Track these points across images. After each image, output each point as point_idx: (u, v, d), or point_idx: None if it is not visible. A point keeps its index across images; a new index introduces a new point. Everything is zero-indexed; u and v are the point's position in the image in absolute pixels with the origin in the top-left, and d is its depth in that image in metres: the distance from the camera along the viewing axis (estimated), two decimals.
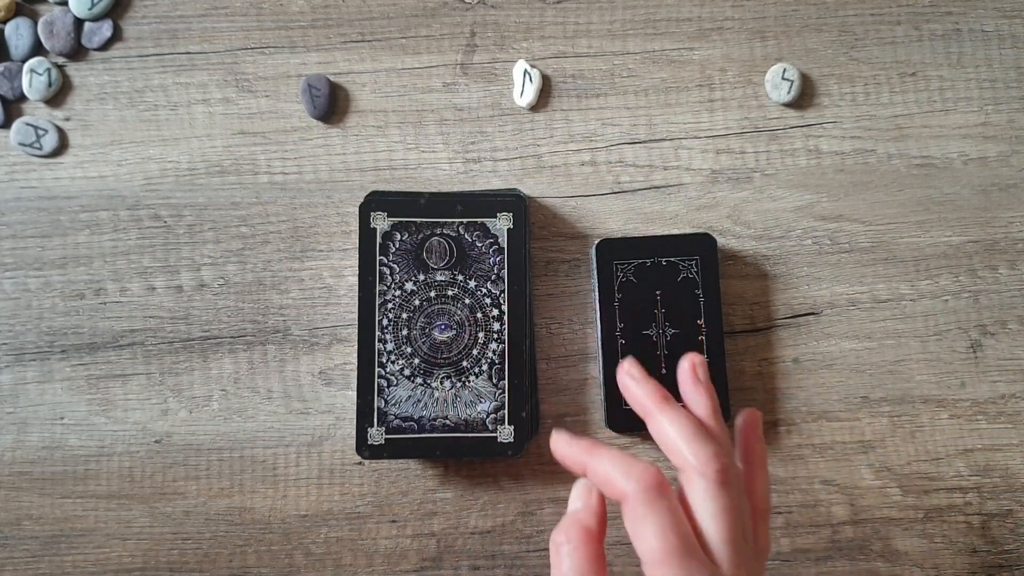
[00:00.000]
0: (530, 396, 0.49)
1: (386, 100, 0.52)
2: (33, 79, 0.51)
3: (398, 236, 0.48)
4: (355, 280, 0.50)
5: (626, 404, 0.48)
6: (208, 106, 0.52)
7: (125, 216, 0.51)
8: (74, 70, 0.52)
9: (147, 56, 0.52)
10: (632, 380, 0.38)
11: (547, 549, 0.49)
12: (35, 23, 0.52)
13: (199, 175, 0.51)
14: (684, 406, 0.38)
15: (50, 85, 0.51)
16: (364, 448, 0.47)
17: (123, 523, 0.49)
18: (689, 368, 0.38)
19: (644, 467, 0.34)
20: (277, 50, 0.52)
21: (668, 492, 0.33)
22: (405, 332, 0.48)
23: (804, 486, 0.50)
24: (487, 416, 0.48)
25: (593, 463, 0.35)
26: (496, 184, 0.52)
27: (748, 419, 0.39)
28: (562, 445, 0.37)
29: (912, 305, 0.51)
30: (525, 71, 0.51)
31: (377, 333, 0.48)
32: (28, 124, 0.51)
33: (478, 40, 0.52)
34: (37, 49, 0.52)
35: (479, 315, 0.48)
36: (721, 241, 0.51)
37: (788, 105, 0.52)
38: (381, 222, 0.48)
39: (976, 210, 0.51)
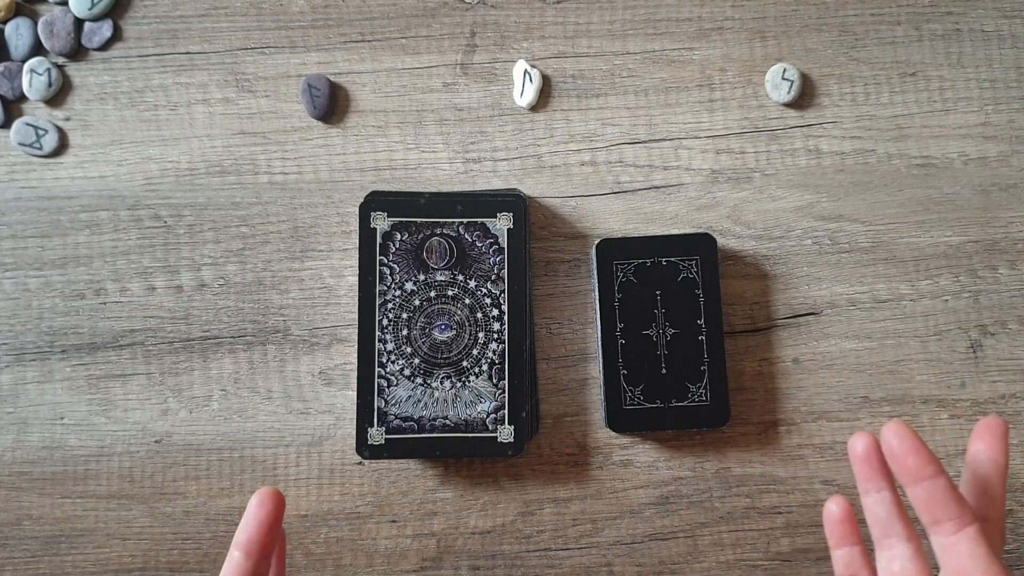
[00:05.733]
0: (530, 396, 0.49)
1: (386, 100, 0.52)
2: (33, 79, 0.51)
3: (398, 236, 0.48)
4: (355, 280, 0.50)
5: (626, 404, 0.49)
6: (208, 106, 0.52)
7: (125, 216, 0.51)
8: (74, 70, 0.52)
9: (147, 56, 0.52)
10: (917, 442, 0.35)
11: (547, 549, 0.49)
12: (35, 23, 0.52)
13: (199, 175, 0.51)
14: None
15: (50, 85, 0.51)
16: (364, 448, 0.47)
17: (123, 523, 0.49)
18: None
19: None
20: (277, 50, 0.52)
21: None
22: (405, 332, 0.48)
23: (804, 486, 0.50)
24: (487, 416, 0.48)
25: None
26: (496, 184, 0.52)
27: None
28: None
29: (912, 305, 0.51)
30: (525, 71, 0.51)
31: (377, 333, 0.48)
32: (28, 124, 0.51)
33: (478, 40, 0.52)
34: (37, 49, 0.52)
35: (479, 315, 0.48)
36: (721, 241, 0.51)
37: (788, 105, 0.52)
38: (381, 222, 0.48)
39: (976, 210, 0.51)
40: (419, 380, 0.48)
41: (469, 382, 0.48)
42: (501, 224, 0.49)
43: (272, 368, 0.50)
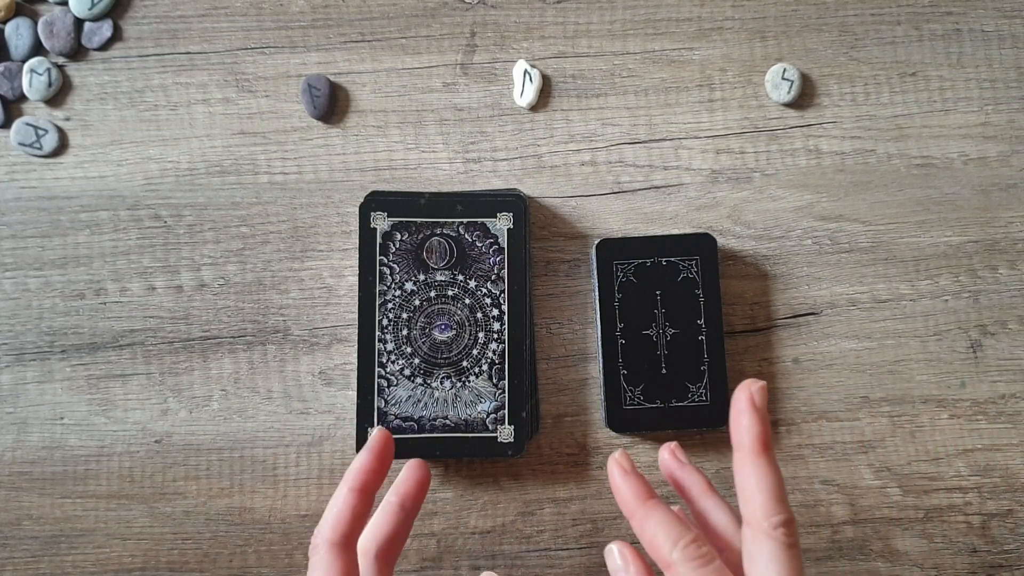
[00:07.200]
0: (530, 396, 0.49)
1: (386, 100, 0.52)
2: (33, 79, 0.51)
3: (398, 236, 0.48)
4: (355, 280, 0.50)
5: (626, 404, 0.49)
6: (208, 106, 0.52)
7: (125, 216, 0.51)
8: (74, 70, 0.52)
9: (147, 56, 0.52)
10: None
11: (547, 549, 0.49)
12: (35, 23, 0.52)
13: (199, 175, 0.51)
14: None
15: (50, 85, 0.51)
16: None
17: (123, 523, 0.49)
18: (747, 395, 0.35)
19: (692, 538, 0.34)
20: (277, 50, 0.52)
21: (717, 565, 0.33)
22: (405, 332, 0.48)
23: (804, 486, 0.50)
24: (487, 416, 0.48)
25: (642, 521, 0.35)
26: (496, 184, 0.52)
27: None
28: (618, 477, 0.37)
29: (912, 305, 0.51)
30: (525, 71, 0.51)
31: (377, 333, 0.48)
32: (28, 124, 0.51)
33: (478, 40, 0.52)
34: (37, 49, 0.52)
35: (479, 315, 0.48)
36: (721, 241, 0.51)
37: (788, 105, 0.52)
38: (381, 222, 0.48)
39: (976, 210, 0.51)
40: (419, 380, 0.48)
41: (469, 382, 0.48)
42: (501, 224, 0.49)
43: (272, 368, 0.50)
